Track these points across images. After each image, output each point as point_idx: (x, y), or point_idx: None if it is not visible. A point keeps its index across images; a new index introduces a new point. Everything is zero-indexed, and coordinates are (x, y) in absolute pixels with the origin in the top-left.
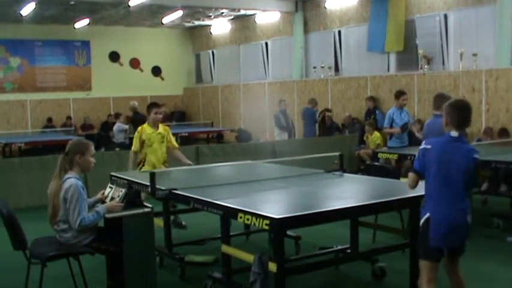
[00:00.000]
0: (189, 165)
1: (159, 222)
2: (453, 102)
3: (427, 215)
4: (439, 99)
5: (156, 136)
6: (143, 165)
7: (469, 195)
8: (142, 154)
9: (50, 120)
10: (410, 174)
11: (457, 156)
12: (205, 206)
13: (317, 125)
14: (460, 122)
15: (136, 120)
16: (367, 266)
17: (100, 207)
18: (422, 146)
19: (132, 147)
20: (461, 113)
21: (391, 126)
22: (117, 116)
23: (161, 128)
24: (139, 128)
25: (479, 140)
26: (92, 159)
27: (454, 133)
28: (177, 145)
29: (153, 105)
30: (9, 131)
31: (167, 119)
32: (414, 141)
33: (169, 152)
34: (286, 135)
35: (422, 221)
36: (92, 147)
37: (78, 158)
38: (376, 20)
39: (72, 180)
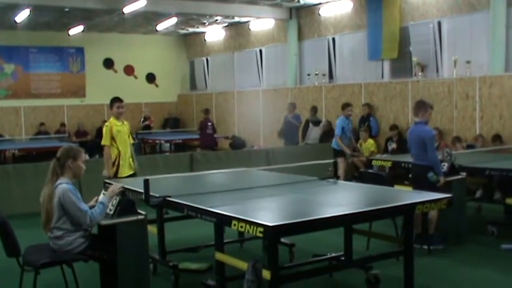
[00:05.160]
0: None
1: (152, 229)
2: None
3: None
4: (419, 106)
5: (124, 129)
6: (119, 163)
7: None
8: (114, 153)
9: (42, 124)
10: None
11: None
12: (199, 214)
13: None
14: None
15: None
16: (361, 273)
17: (102, 198)
18: None
19: (104, 142)
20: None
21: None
22: None
23: (125, 122)
24: (108, 122)
25: (471, 146)
26: (83, 165)
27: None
28: (132, 141)
29: (115, 99)
30: (2, 137)
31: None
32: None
33: None
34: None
35: None
36: (83, 154)
37: (70, 162)
38: (373, 28)
39: (64, 185)
